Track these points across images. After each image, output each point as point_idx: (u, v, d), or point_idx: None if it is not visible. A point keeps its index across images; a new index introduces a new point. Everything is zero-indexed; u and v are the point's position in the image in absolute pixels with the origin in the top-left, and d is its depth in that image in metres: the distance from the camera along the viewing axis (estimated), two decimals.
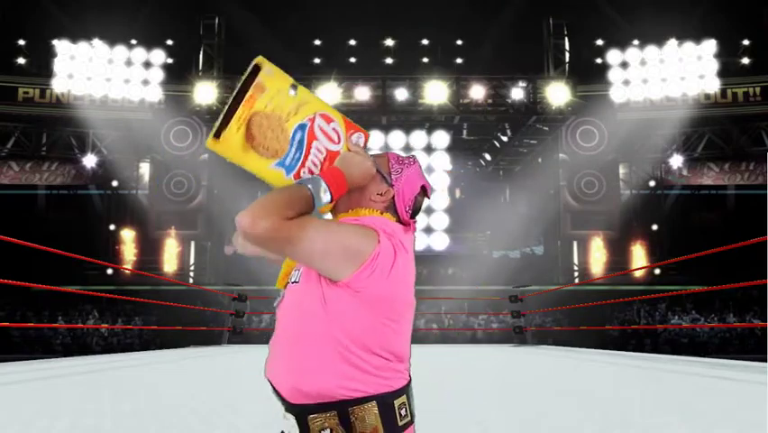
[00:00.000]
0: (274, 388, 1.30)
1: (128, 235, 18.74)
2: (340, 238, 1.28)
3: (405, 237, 1.39)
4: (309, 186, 1.32)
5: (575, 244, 18.61)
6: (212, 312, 13.69)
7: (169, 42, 18.98)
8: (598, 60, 18.83)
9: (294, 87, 1.41)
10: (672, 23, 17.65)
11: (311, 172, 1.41)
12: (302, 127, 1.41)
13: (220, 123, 1.35)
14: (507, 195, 21.18)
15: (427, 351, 9.44)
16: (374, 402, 1.26)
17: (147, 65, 18.28)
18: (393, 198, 1.44)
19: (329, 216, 1.45)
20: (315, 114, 1.43)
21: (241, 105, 1.35)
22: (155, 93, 18.20)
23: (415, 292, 1.45)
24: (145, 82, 18.18)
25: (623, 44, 18.32)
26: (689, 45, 18.01)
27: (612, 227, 18.43)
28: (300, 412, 1.25)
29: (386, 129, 18.52)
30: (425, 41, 20.77)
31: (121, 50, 18.14)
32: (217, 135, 1.35)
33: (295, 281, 1.35)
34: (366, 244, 1.28)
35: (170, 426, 2.81)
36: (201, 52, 18.52)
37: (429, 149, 18.92)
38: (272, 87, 1.38)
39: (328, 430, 1.24)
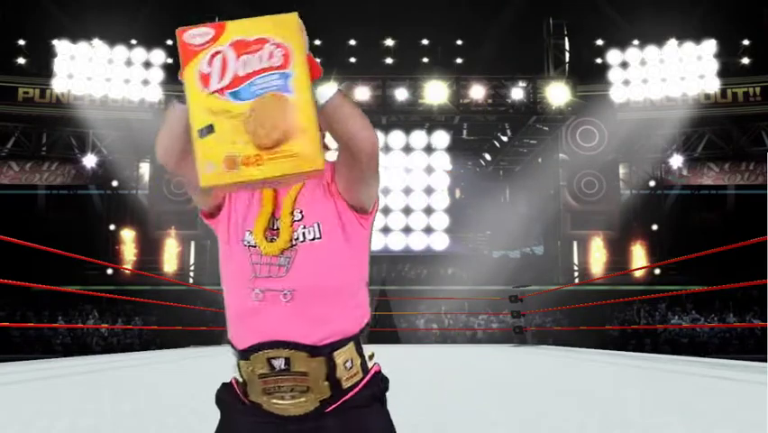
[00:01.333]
0: (286, 344, 1.30)
1: (128, 235, 18.74)
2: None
3: None
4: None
5: (575, 244, 18.61)
6: (212, 312, 13.68)
7: (169, 42, 18.96)
8: (599, 60, 18.84)
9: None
10: (672, 23, 17.66)
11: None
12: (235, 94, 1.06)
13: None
14: (507, 195, 21.17)
15: (427, 351, 9.45)
16: (367, 327, 1.38)
17: (147, 65, 18.28)
18: None
19: None
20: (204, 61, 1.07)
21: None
22: (155, 93, 18.20)
23: (414, 292, 1.51)
24: (145, 82, 18.18)
25: (623, 44, 18.34)
26: (689, 45, 18.02)
27: (612, 227, 18.43)
28: (327, 352, 1.30)
29: (386, 129, 18.53)
30: (425, 41, 20.77)
31: (121, 50, 18.14)
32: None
33: (315, 238, 1.33)
34: None
35: (170, 426, 2.81)
36: None
37: (429, 149, 18.92)
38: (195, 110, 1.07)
39: (350, 361, 1.32)
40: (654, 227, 18.75)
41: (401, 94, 17.69)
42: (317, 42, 20.52)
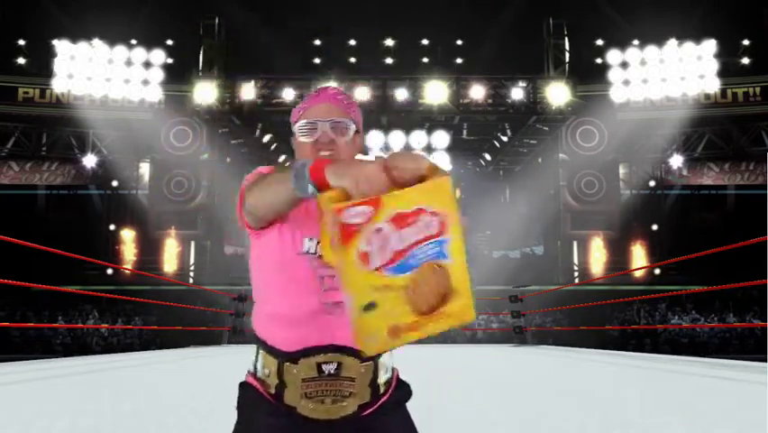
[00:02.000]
0: (341, 349, 1.30)
1: (128, 235, 18.74)
2: None
3: None
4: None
5: (575, 244, 18.61)
6: (212, 312, 13.69)
7: (169, 42, 18.99)
8: (599, 60, 18.85)
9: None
10: (672, 23, 17.67)
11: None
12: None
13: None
14: (507, 195, 21.18)
15: (427, 351, 9.44)
16: None
17: (147, 65, 18.29)
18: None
19: None
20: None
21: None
22: (155, 93, 18.21)
23: None
24: (145, 82, 18.19)
25: (623, 44, 18.34)
26: (689, 45, 18.03)
27: (612, 227, 18.43)
28: (374, 358, 1.33)
29: (386, 129, 18.53)
30: (425, 41, 20.78)
31: (121, 50, 18.15)
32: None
33: None
34: None
35: (170, 426, 2.81)
36: (201, 52, 18.54)
37: (429, 149, 18.90)
38: None
39: (385, 365, 1.36)
40: (654, 227, 18.76)
41: (401, 94, 17.69)
42: (317, 42, 20.56)
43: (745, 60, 18.82)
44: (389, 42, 20.59)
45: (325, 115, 1.39)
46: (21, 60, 18.95)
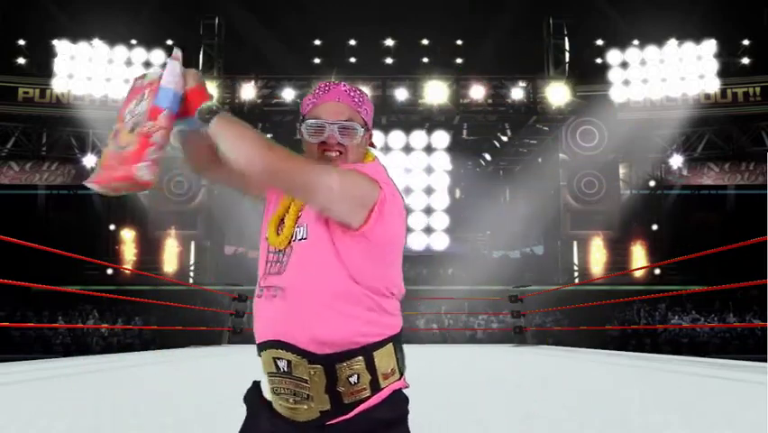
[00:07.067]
0: (287, 346, 1.28)
1: (128, 235, 18.74)
2: (352, 184, 1.30)
3: (387, 174, 1.41)
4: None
5: (575, 244, 18.61)
6: (212, 312, 13.68)
7: (169, 42, 18.97)
8: (599, 60, 18.84)
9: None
10: (672, 22, 17.68)
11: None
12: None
13: None
14: (507, 195, 21.17)
15: (427, 351, 9.44)
16: (390, 343, 1.32)
17: (147, 65, 18.26)
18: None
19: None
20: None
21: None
22: None
23: (414, 292, 1.48)
24: None
25: (623, 44, 18.35)
26: (689, 45, 18.03)
27: (612, 227, 18.43)
28: (327, 362, 1.27)
29: (386, 129, 18.53)
30: (425, 41, 20.78)
31: (121, 50, 18.15)
32: None
33: (302, 238, 1.32)
34: (371, 190, 1.31)
35: (170, 426, 2.81)
36: (201, 52, 18.53)
37: (429, 149, 18.90)
38: None
39: (356, 376, 1.27)
40: (654, 227, 18.75)
41: (401, 94, 17.69)
42: (317, 42, 20.56)
43: (745, 60, 18.82)
44: (389, 42, 20.60)
45: (334, 116, 1.40)
46: (21, 60, 18.95)
